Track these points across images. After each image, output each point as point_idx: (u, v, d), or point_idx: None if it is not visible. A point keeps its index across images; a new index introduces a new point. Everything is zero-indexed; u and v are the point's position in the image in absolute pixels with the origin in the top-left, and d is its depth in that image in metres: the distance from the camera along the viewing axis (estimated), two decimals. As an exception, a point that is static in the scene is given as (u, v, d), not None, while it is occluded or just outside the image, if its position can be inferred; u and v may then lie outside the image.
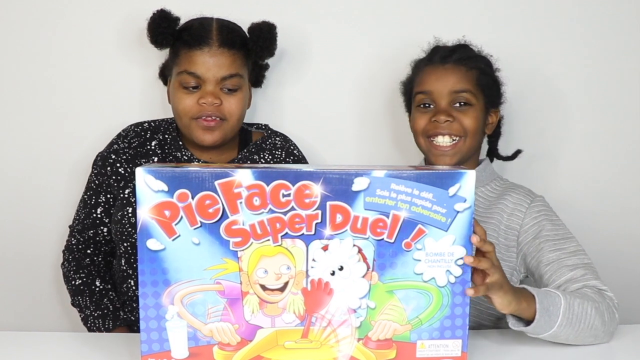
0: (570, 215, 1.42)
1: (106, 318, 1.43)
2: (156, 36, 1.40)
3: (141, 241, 0.97)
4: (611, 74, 1.63)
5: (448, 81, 1.33)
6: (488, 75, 1.38)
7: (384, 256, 1.00)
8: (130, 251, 1.43)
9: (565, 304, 1.11)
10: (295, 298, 1.00)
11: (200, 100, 1.36)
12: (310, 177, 0.97)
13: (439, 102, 1.34)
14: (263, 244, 0.98)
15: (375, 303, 1.01)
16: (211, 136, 1.38)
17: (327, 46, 1.62)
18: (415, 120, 1.37)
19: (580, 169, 1.67)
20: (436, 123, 1.33)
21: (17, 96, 1.62)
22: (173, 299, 0.99)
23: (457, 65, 1.35)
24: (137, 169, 0.95)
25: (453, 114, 1.33)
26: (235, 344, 1.01)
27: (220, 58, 1.36)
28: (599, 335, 1.16)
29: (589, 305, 1.14)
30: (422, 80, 1.37)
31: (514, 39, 1.61)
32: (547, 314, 1.09)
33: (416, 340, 1.03)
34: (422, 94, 1.35)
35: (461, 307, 1.02)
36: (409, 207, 0.99)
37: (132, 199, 1.42)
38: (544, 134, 1.66)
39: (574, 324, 1.12)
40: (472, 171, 0.99)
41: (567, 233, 1.29)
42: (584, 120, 1.65)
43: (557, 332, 1.11)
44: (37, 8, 1.59)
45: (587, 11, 1.61)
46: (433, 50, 1.40)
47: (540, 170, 1.66)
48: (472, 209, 0.99)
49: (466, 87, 1.33)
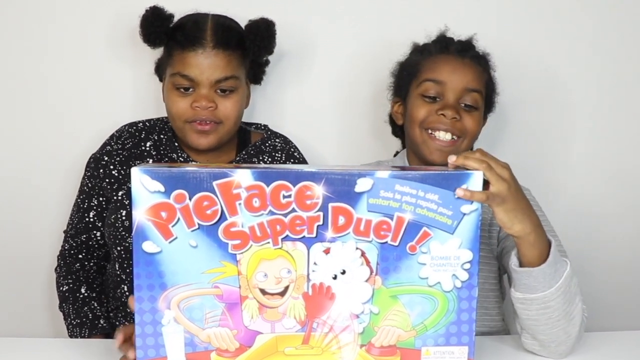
0: (573, 217, 1.40)
1: (83, 326, 1.40)
2: (149, 35, 1.36)
3: (137, 243, 0.94)
4: (618, 74, 1.61)
5: (465, 76, 1.26)
6: (492, 81, 1.33)
7: (387, 260, 0.96)
8: (123, 255, 1.39)
9: (570, 272, 1.04)
10: (295, 303, 0.97)
11: (194, 104, 1.31)
12: (312, 178, 0.94)
13: (449, 96, 1.26)
14: (263, 247, 0.95)
15: (379, 308, 0.98)
16: (206, 140, 1.34)
17: (328, 44, 1.58)
18: (416, 108, 1.28)
19: (584, 170, 1.65)
20: (442, 117, 1.25)
21: (8, 96, 1.59)
22: (169, 303, 0.95)
23: (474, 62, 1.28)
24: (133, 169, 0.92)
25: (460, 112, 1.25)
26: (233, 350, 0.97)
27: (215, 60, 1.31)
28: (571, 335, 1.07)
29: (579, 296, 1.07)
30: (435, 68, 1.27)
31: (520, 38, 1.59)
32: (554, 268, 1.02)
33: (421, 346, 0.99)
34: (433, 82, 1.26)
35: (467, 313, 0.98)
36: (414, 209, 0.95)
37: (125, 201, 1.39)
38: (547, 135, 1.63)
39: (567, 298, 1.04)
40: (480, 172, 0.96)
41: (549, 231, 1.17)
42: (590, 121, 1.63)
43: (551, 294, 1.02)
44: (28, 8, 1.56)
45: (595, 8, 1.58)
46: (446, 40, 1.33)
47: (543, 172, 1.63)
48: (480, 211, 0.96)
49: (479, 86, 1.28)
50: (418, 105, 1.27)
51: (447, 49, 1.29)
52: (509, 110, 1.56)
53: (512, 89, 1.47)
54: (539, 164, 1.63)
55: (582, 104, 1.63)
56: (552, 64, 1.61)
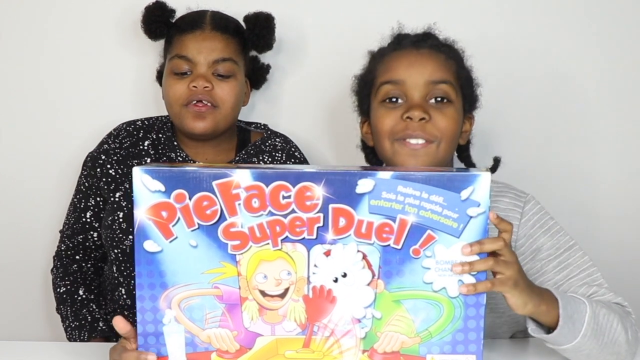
0: (578, 219, 1.34)
1: (82, 329, 1.40)
2: (150, 25, 1.39)
3: (138, 242, 0.94)
4: (621, 75, 1.55)
5: (425, 68, 1.11)
6: (465, 69, 1.19)
7: (390, 263, 0.93)
8: (121, 258, 1.39)
9: (591, 312, 1.00)
10: (296, 305, 0.95)
11: (191, 84, 1.32)
12: (312, 179, 0.92)
13: (412, 95, 1.11)
14: (262, 248, 0.94)
15: (381, 313, 0.95)
16: (202, 124, 1.33)
17: (329, 43, 1.56)
18: (380, 120, 1.12)
19: (588, 171, 1.59)
20: (408, 122, 1.09)
21: (2, 92, 1.60)
22: (170, 302, 0.96)
23: (435, 51, 1.13)
24: (134, 169, 0.93)
25: (429, 111, 1.10)
26: (234, 351, 0.96)
27: (213, 41, 1.33)
28: (621, 353, 1.04)
29: (615, 317, 1.02)
30: (389, 67, 1.14)
31: (526, 36, 1.54)
32: (570, 321, 0.98)
33: (426, 354, 0.96)
34: (390, 84, 1.11)
35: (475, 320, 0.94)
36: (417, 211, 0.92)
37: (122, 203, 1.39)
38: (550, 137, 1.58)
39: (599, 336, 1.00)
40: (487, 173, 0.92)
41: (567, 241, 1.14)
42: (594, 121, 1.57)
43: (580, 343, 0.99)
44: (25, 4, 1.57)
45: (604, 7, 1.52)
46: (399, 36, 1.20)
47: (547, 174, 1.58)
48: (487, 214, 0.92)
49: (446, 77, 1.12)
50: (381, 115, 1.13)
51: (400, 44, 1.16)
52: (509, 111, 1.52)
53: (508, 91, 1.42)
54: (540, 166, 1.58)
55: (583, 105, 1.56)
56: (552, 64, 1.55)
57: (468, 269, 0.92)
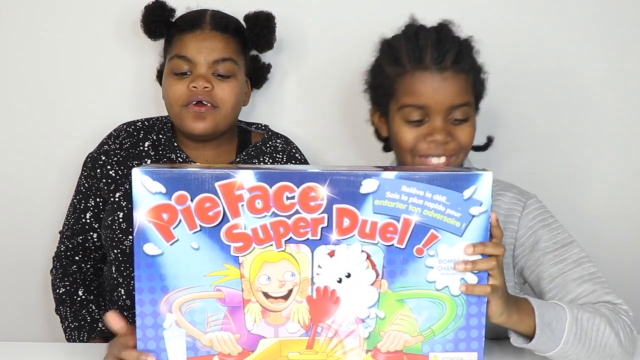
0: (580, 220, 1.37)
1: (82, 330, 1.39)
2: (150, 24, 1.37)
3: (138, 246, 0.92)
4: (625, 73, 1.56)
5: (447, 94, 1.12)
6: (480, 78, 1.20)
7: (394, 263, 0.94)
8: (120, 258, 1.37)
9: (572, 318, 1.02)
10: (299, 307, 0.95)
11: (190, 84, 1.31)
12: (316, 179, 0.91)
13: (435, 119, 1.13)
14: (266, 249, 0.93)
15: (385, 312, 0.95)
16: (202, 124, 1.32)
17: (329, 42, 1.55)
18: (402, 135, 1.14)
19: (589, 171, 1.61)
20: (432, 144, 1.13)
21: (3, 92, 1.58)
22: (171, 306, 0.94)
23: (457, 71, 1.13)
24: (134, 170, 0.91)
25: (451, 130, 1.13)
26: (236, 354, 0.95)
27: (213, 41, 1.32)
28: (615, 356, 1.05)
29: (601, 321, 1.04)
30: (412, 90, 1.13)
31: (526, 36, 1.54)
32: (549, 329, 1.00)
33: (428, 352, 0.96)
34: (414, 107, 1.13)
35: (477, 318, 0.96)
36: (421, 210, 0.93)
37: (122, 203, 1.37)
38: (551, 135, 1.59)
39: (584, 341, 1.02)
40: (489, 173, 0.93)
41: (566, 238, 1.17)
42: (594, 121, 1.59)
43: (564, 349, 1.01)
44: (25, 3, 1.54)
45: (600, 5, 1.54)
46: (418, 47, 1.13)
47: (548, 173, 1.60)
48: (489, 213, 0.93)
49: (466, 99, 1.14)
50: (403, 131, 1.15)
51: (422, 61, 1.13)
52: (508, 111, 1.53)
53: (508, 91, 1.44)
54: (540, 165, 1.60)
55: (584, 105, 1.58)
56: (555, 65, 1.57)
57: (471, 267, 0.93)
